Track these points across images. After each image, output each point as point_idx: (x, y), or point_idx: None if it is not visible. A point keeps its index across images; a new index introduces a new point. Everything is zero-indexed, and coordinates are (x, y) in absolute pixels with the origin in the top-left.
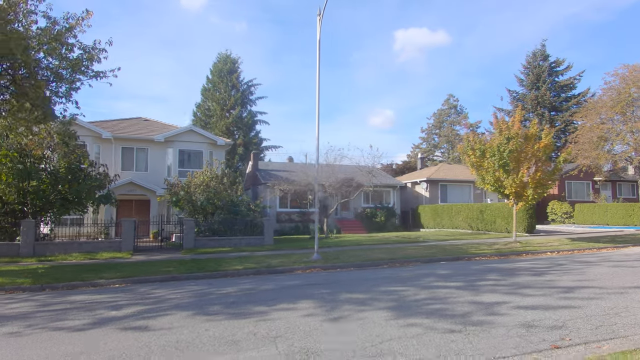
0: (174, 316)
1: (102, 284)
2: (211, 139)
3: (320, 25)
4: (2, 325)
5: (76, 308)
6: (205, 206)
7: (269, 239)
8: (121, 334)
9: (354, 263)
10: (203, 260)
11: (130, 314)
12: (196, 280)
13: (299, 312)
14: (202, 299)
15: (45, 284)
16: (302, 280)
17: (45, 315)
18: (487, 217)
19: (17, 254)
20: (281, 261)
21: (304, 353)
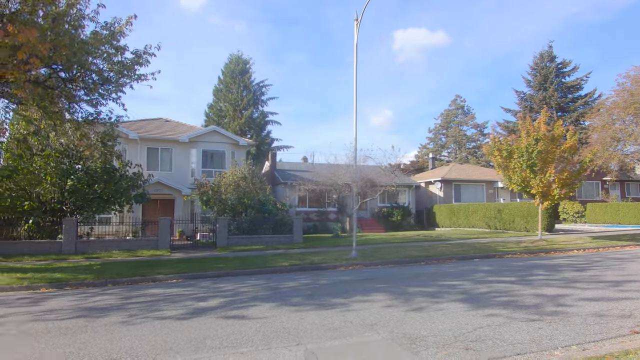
0: (262, 307)
1: (160, 279)
2: (233, 139)
3: (357, 30)
4: (105, 315)
5: (160, 300)
6: (235, 205)
7: (299, 237)
8: (225, 322)
9: (392, 260)
10: (247, 257)
11: (218, 305)
12: (250, 276)
13: (377, 303)
14: (275, 292)
15: (108, 279)
16: (353, 276)
17: (138, 306)
18: (505, 217)
19: (60, 251)
20: (322, 258)
21: (408, 338)
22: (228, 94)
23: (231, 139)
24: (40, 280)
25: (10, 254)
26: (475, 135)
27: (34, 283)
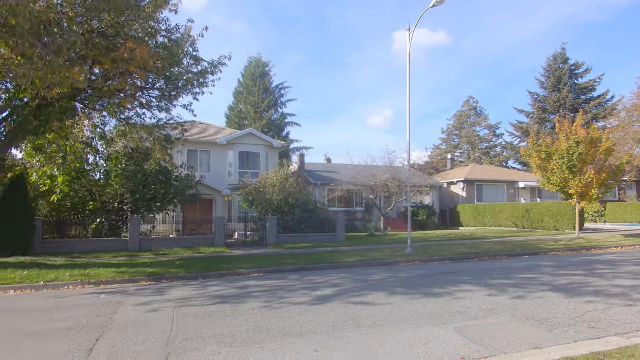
0: (374, 296)
1: (243, 272)
2: (268, 141)
3: (410, 40)
4: (242, 302)
5: (275, 289)
6: (281, 205)
7: (341, 236)
8: (356, 307)
9: (447, 257)
10: (305, 254)
11: (333, 293)
12: (326, 270)
13: (476, 293)
14: (369, 284)
15: (197, 273)
16: (426, 270)
17: (262, 295)
18: (534, 216)
19: (126, 248)
20: (381, 255)
21: (533, 320)
22: (249, 96)
23: (266, 141)
24: (138, 274)
25: (83, 251)
26: (488, 136)
27: (133, 277)
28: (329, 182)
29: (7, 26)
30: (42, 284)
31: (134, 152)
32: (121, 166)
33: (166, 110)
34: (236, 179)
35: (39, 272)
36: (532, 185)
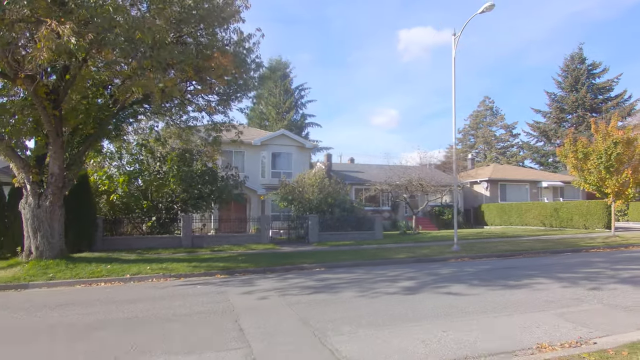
0: (456, 287)
1: (306, 267)
2: (300, 142)
3: (455, 45)
4: (339, 292)
5: (358, 281)
6: (319, 204)
7: (379, 234)
8: (447, 297)
9: (493, 254)
10: (353, 250)
11: (416, 285)
12: (387, 266)
13: (551, 285)
14: (441, 277)
15: (265, 268)
16: (489, 266)
17: (350, 286)
18: (563, 215)
19: (180, 245)
20: (429, 251)
21: (620, 307)
22: (270, 97)
23: (297, 141)
24: (211, 268)
25: (140, 247)
26: (504, 135)
27: (208, 270)
28: (356, 181)
29: (132, 41)
30: (128, 276)
31: (184, 153)
32: (175, 167)
33: (223, 113)
34: (269, 179)
35: (121, 266)
36: (554, 184)
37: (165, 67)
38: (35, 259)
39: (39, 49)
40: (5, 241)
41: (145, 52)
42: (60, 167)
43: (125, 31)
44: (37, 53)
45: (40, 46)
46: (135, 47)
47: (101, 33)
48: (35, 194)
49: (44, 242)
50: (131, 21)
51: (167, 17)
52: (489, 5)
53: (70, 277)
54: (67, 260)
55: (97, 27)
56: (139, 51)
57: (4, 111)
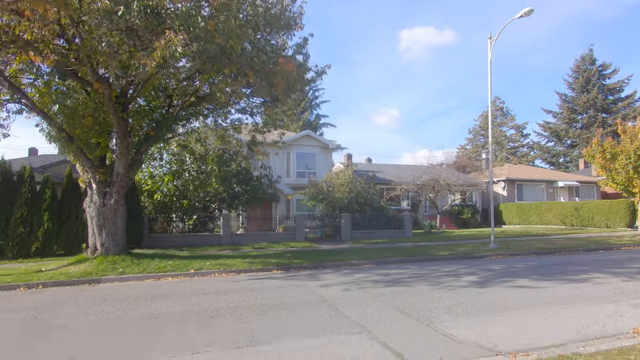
0: (522, 281)
1: (356, 264)
2: (323, 142)
3: (491, 49)
4: (410, 285)
5: (418, 276)
6: (350, 203)
7: (409, 232)
8: (516, 290)
9: (530, 251)
10: (390, 248)
11: (480, 279)
12: (434, 262)
13: (610, 279)
14: (496, 272)
15: (317, 263)
16: (534, 262)
17: (418, 281)
18: (584, 214)
19: (220, 242)
20: (467, 249)
21: None
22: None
23: (321, 142)
24: (266, 264)
25: (184, 244)
26: (514, 136)
27: (265, 266)
28: (377, 181)
29: (224, 50)
30: (192, 271)
31: (223, 154)
32: (216, 167)
33: (267, 115)
34: (294, 179)
35: (181, 262)
36: (570, 184)
37: (246, 74)
38: (101, 255)
39: (151, 57)
40: (60, 238)
41: (232, 59)
42: (124, 167)
43: (224, 40)
44: (148, 61)
45: (156, 55)
46: (226, 55)
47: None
48: (100, 192)
49: (109, 239)
50: (227, 30)
51: (243, 24)
52: (528, 10)
53: (139, 272)
54: (130, 256)
55: (196, 37)
56: (228, 59)
57: (75, 113)
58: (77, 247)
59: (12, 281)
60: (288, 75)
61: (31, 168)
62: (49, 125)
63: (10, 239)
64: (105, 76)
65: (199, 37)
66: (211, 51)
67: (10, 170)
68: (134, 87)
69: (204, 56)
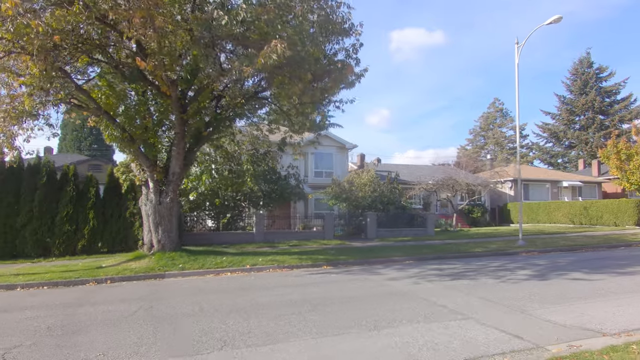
0: (575, 274)
1: (398, 260)
2: (340, 142)
3: (518, 53)
4: (474, 279)
5: (473, 271)
6: (375, 203)
7: (431, 231)
8: (576, 282)
9: (557, 248)
10: (420, 246)
11: (535, 273)
12: (472, 258)
13: None
14: (542, 267)
15: (363, 259)
16: (573, 257)
17: (474, 274)
18: (592, 213)
19: (253, 240)
20: (498, 246)
21: None
22: None
23: (339, 142)
24: (314, 260)
25: (219, 242)
26: (513, 137)
27: (315, 262)
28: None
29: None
30: (248, 267)
31: (255, 153)
32: (250, 166)
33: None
34: (312, 178)
35: (234, 259)
36: (574, 184)
37: (313, 78)
38: (159, 252)
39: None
40: (104, 236)
41: (310, 64)
42: (180, 166)
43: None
44: (245, 67)
45: (260, 61)
46: (307, 61)
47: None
48: (157, 191)
49: (165, 236)
50: (311, 38)
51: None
52: (557, 18)
53: (198, 267)
54: (185, 252)
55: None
56: (307, 64)
57: (137, 114)
58: (118, 245)
59: (80, 277)
60: (344, 79)
61: (75, 167)
62: (112, 125)
63: (57, 237)
64: (174, 80)
65: (294, 44)
66: (297, 57)
67: (54, 170)
68: (195, 90)
69: (292, 62)
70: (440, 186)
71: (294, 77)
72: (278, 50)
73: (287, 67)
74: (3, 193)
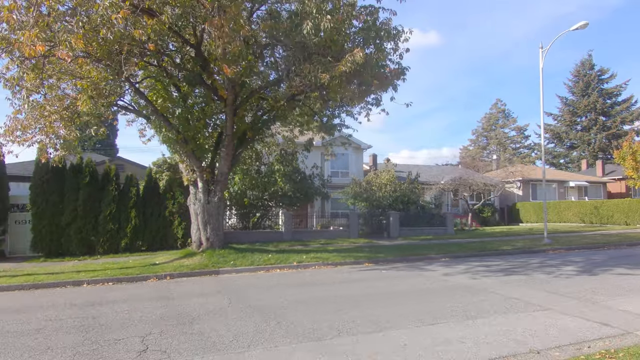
0: (618, 270)
1: (433, 257)
2: (356, 143)
3: (542, 58)
4: (526, 274)
5: (515, 268)
6: (396, 202)
7: (451, 230)
8: (623, 277)
9: (582, 246)
10: (457, 244)
11: (578, 269)
12: (505, 256)
13: None
14: (593, 263)
15: (402, 257)
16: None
17: (520, 270)
18: (603, 212)
19: (282, 239)
20: (525, 244)
21: None
22: None
23: (354, 143)
24: (356, 257)
25: (249, 240)
26: (516, 137)
27: (357, 260)
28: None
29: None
30: (295, 264)
31: (283, 154)
32: (281, 166)
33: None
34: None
35: (279, 256)
36: (580, 184)
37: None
38: (208, 249)
39: (334, 70)
40: (145, 234)
41: (373, 68)
42: (228, 167)
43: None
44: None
45: (340, 69)
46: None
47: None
48: (205, 191)
49: (214, 234)
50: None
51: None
52: (583, 24)
53: (248, 264)
54: (232, 250)
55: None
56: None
57: (192, 117)
58: (158, 243)
59: (140, 273)
60: (390, 82)
61: (116, 167)
62: (167, 128)
63: (101, 235)
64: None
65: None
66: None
67: (96, 170)
68: (247, 93)
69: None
70: (458, 185)
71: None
72: (358, 57)
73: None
74: (48, 192)
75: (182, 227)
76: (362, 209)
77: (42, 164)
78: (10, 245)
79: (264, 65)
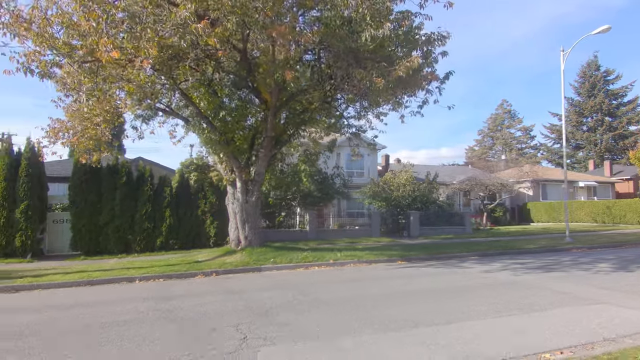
0: None
1: (462, 255)
2: (370, 143)
3: (564, 60)
4: (565, 271)
5: (552, 265)
6: (415, 202)
7: (469, 229)
8: None
9: (602, 245)
10: (468, 243)
11: (614, 267)
12: (533, 254)
13: None
14: (623, 261)
15: (432, 255)
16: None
17: (558, 268)
18: (615, 212)
19: (307, 237)
20: (547, 243)
21: None
22: None
23: (369, 143)
24: (389, 256)
25: (276, 239)
26: (522, 137)
27: (390, 257)
28: (421, 181)
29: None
30: (332, 261)
31: (307, 155)
32: (306, 167)
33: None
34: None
35: (316, 254)
36: (589, 184)
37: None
38: (247, 247)
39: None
40: (179, 233)
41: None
42: (265, 167)
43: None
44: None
45: (397, 74)
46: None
47: None
48: (244, 190)
49: (252, 232)
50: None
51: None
52: (606, 28)
53: (287, 262)
54: (270, 248)
55: None
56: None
57: (234, 119)
58: (191, 242)
59: (188, 270)
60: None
61: (150, 168)
62: (210, 130)
63: (137, 234)
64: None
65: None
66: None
67: (131, 170)
68: (290, 96)
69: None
70: (473, 185)
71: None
72: (416, 63)
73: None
74: (87, 192)
75: (215, 226)
76: (380, 208)
77: (80, 165)
78: (48, 243)
79: (310, 69)
